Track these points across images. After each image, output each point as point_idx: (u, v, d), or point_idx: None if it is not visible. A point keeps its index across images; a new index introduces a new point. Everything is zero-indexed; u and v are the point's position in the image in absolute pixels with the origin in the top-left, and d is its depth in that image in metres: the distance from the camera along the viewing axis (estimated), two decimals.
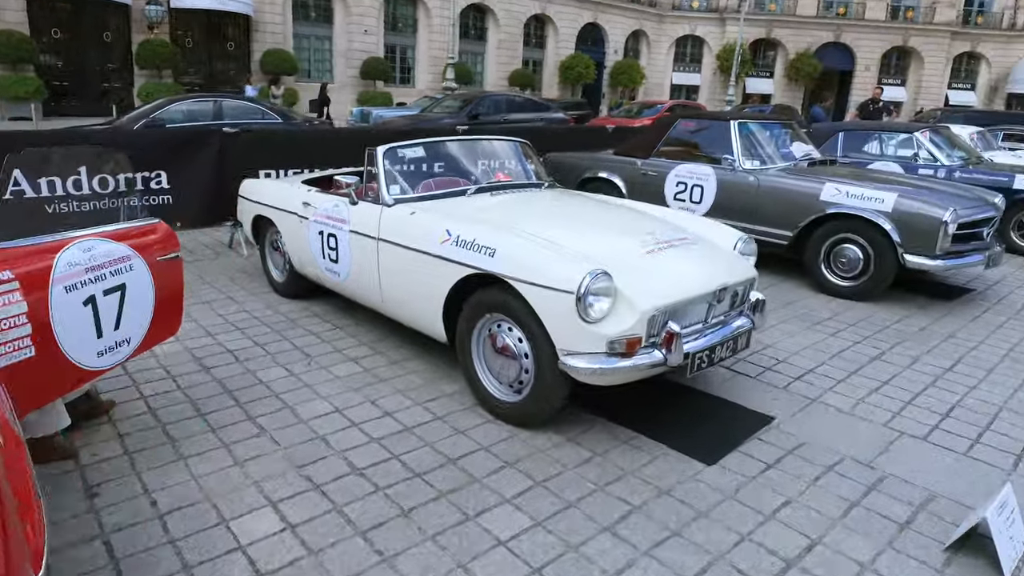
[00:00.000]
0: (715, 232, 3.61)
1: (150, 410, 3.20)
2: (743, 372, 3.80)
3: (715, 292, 2.99)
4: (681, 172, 6.22)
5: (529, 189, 4.03)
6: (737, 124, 5.93)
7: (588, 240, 3.10)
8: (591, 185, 7.05)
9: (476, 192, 3.80)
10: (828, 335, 4.45)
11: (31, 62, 20.01)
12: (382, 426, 3.09)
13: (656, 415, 3.24)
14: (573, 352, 2.74)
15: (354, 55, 26.13)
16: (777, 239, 5.58)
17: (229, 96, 11.00)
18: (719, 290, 3.00)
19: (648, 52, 34.50)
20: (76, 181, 5.31)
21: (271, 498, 2.53)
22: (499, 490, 2.61)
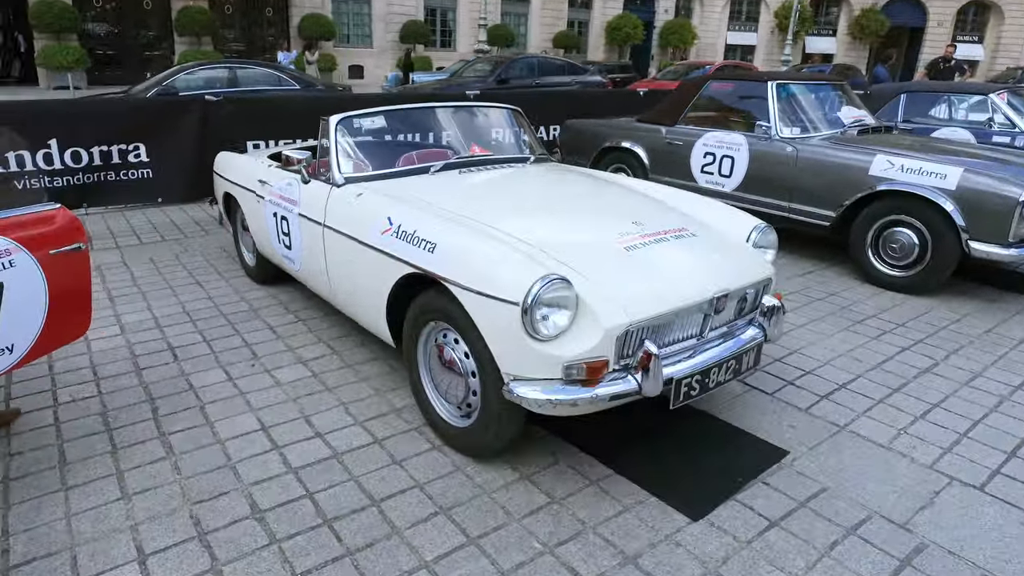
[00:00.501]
0: (726, 219, 2.95)
1: (56, 423, 2.80)
2: (758, 387, 3.16)
3: (711, 300, 2.36)
4: (709, 141, 5.47)
5: (509, 165, 3.42)
6: (775, 85, 5.13)
7: (555, 233, 2.50)
8: (612, 155, 6.37)
9: (442, 169, 3.22)
10: (870, 338, 3.73)
11: (74, 31, 20.17)
12: (308, 452, 2.61)
13: (640, 446, 2.66)
14: (521, 377, 2.18)
15: (393, 19, 25.51)
16: (818, 220, 4.81)
17: (245, 63, 10.58)
18: (718, 297, 2.37)
19: (701, 10, 32.55)
20: (47, 155, 4.97)
21: (143, 549, 2.08)
22: (420, 549, 2.10)
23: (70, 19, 19.66)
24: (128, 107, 5.33)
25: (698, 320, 2.41)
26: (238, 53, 23.40)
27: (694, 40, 30.79)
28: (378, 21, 25.64)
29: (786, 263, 5.05)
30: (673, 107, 5.91)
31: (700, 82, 5.79)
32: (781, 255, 5.24)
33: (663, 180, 5.79)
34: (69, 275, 2.73)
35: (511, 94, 8.12)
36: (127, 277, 4.58)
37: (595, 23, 29.72)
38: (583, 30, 29.78)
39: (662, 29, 30.67)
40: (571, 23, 29.14)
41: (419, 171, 3.19)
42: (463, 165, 3.28)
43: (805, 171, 4.82)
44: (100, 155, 5.14)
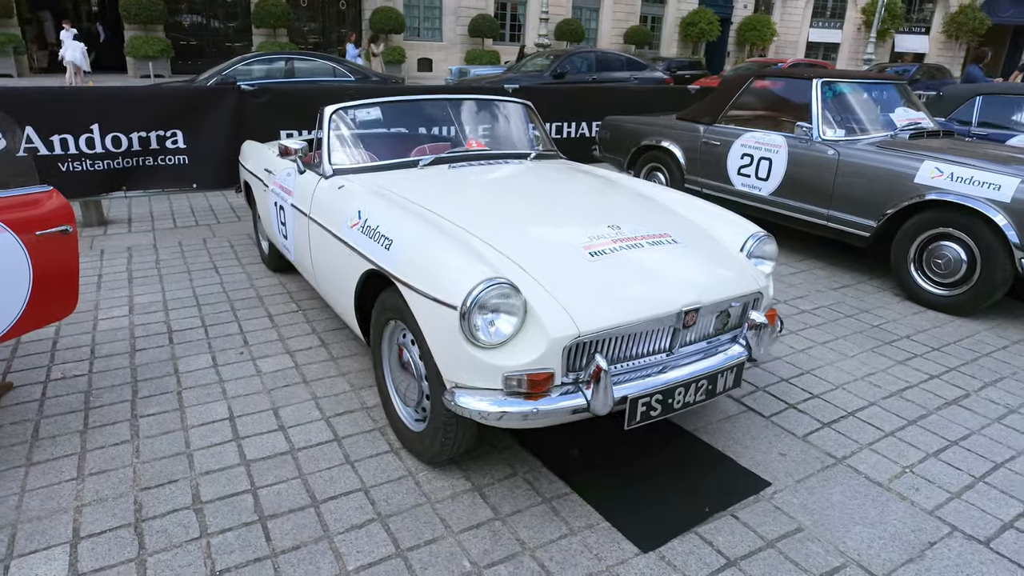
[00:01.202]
0: (722, 226, 2.72)
1: (41, 398, 2.88)
2: (755, 408, 2.92)
3: (679, 314, 2.16)
4: (748, 142, 5.16)
5: (506, 161, 3.28)
6: (820, 84, 4.77)
7: (521, 235, 2.36)
8: (648, 154, 6.12)
9: (432, 164, 3.12)
10: (896, 362, 3.40)
11: (161, 23, 21.26)
12: (266, 445, 2.57)
13: (608, 465, 2.49)
14: (462, 385, 2.06)
15: (463, 12, 25.66)
16: (857, 229, 4.45)
17: (301, 54, 10.82)
18: (686, 311, 2.17)
19: (782, 6, 31.19)
20: (89, 139, 5.18)
21: (79, 532, 2.09)
22: (345, 556, 2.01)
23: (157, 11, 20.73)
24: (166, 95, 5.47)
25: (666, 334, 2.22)
26: (314, 45, 24.14)
27: (773, 37, 29.57)
28: (448, 15, 25.84)
29: (823, 275, 4.70)
30: (713, 105, 5.61)
31: (742, 79, 5.47)
32: (818, 266, 4.89)
33: (698, 182, 5.53)
34: (55, 257, 2.79)
35: (557, 89, 7.93)
36: (151, 259, 4.72)
37: (669, 18, 28.97)
38: (656, 26, 29.09)
39: (740, 25, 29.61)
40: (644, 18, 28.53)
41: (408, 165, 3.11)
42: (455, 160, 3.18)
43: (846, 176, 4.46)
44: (139, 141, 5.32)
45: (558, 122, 7.18)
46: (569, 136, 7.30)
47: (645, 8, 28.49)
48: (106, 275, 4.38)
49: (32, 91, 5.12)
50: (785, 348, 3.51)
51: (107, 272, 4.44)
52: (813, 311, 4.03)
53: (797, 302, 4.17)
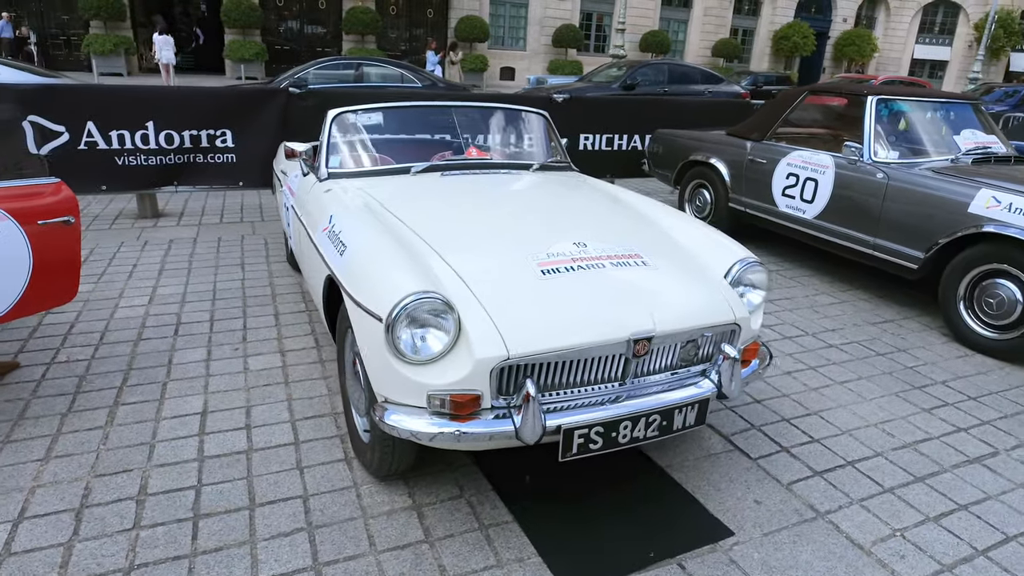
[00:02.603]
0: (710, 249, 2.52)
1: (39, 380, 3.03)
2: (743, 448, 2.69)
3: (628, 342, 2.00)
4: (794, 160, 4.83)
5: (503, 171, 3.19)
6: (875, 101, 4.40)
7: (476, 248, 2.27)
8: (694, 170, 5.87)
9: (424, 171, 3.08)
10: (922, 409, 3.06)
11: (258, 28, 22.51)
12: (226, 442, 2.59)
13: (562, 495, 2.35)
14: (391, 401, 1.99)
15: (548, 22, 25.77)
16: (904, 260, 4.07)
17: (371, 60, 11.12)
18: (639, 339, 2.01)
19: (886, 20, 29.48)
20: (144, 135, 5.49)
21: (25, 512, 2.16)
22: (261, 563, 1.97)
23: (255, 17, 21.97)
24: (218, 95, 5.72)
25: (616, 363, 2.06)
26: (401, 52, 24.87)
27: (874, 53, 27.98)
28: (533, 24, 26.01)
29: (865, 308, 4.33)
30: (763, 121, 5.31)
31: (795, 94, 5.14)
32: (863, 298, 4.51)
33: (742, 201, 5.25)
34: (56, 245, 2.92)
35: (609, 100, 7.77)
36: (186, 252, 4.92)
37: (761, 31, 27.99)
38: (747, 39, 28.16)
39: (838, 40, 28.21)
40: (734, 31, 27.70)
41: (400, 171, 3.08)
42: (449, 168, 3.12)
43: (894, 202, 4.09)
44: (190, 138, 5.58)
45: (609, 134, 7.00)
46: (620, 148, 7.10)
47: (736, 20, 27.65)
48: (140, 265, 4.60)
49: (92, 88, 5.47)
50: (796, 385, 3.23)
51: (142, 262, 4.66)
52: (841, 346, 3.70)
53: (827, 335, 3.84)
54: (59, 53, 21.88)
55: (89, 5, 20.40)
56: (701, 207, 5.85)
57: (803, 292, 4.55)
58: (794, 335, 3.82)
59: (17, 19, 20.86)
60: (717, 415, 2.92)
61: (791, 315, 4.12)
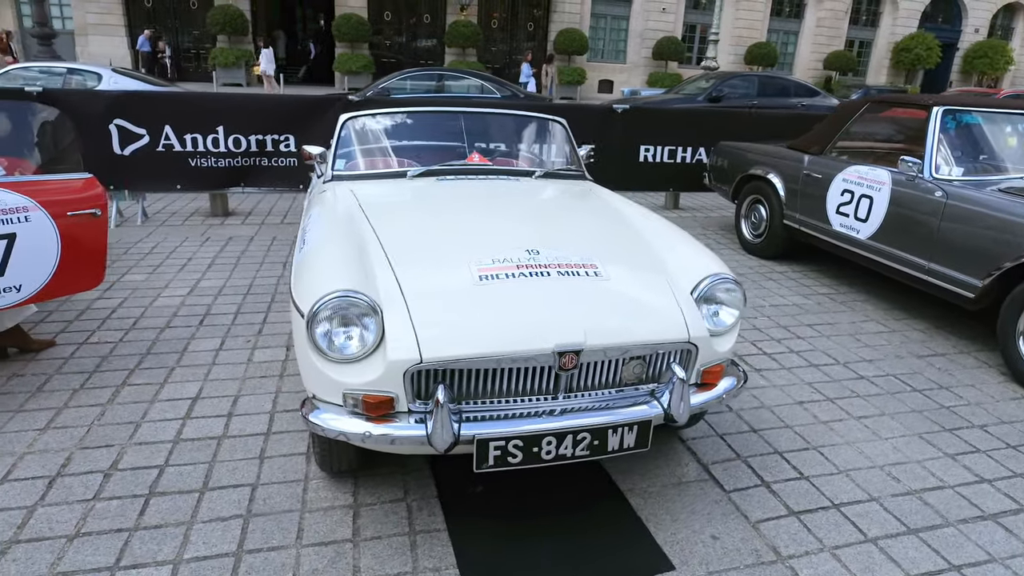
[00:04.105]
0: (684, 263, 2.36)
1: (68, 357, 3.30)
2: (719, 478, 2.49)
3: (554, 354, 1.91)
4: (850, 176, 4.47)
5: (502, 177, 3.16)
6: (941, 112, 3.99)
7: (427, 251, 2.26)
8: (751, 184, 5.57)
9: (420, 175, 3.10)
10: (945, 454, 2.72)
11: (366, 41, 23.66)
12: (204, 428, 2.71)
13: (507, 506, 2.28)
14: (316, 397, 2.01)
15: (649, 35, 25.42)
16: (959, 288, 3.65)
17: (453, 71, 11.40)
18: (566, 352, 1.91)
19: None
20: (214, 139, 5.90)
21: (8, 475, 2.35)
22: (191, 543, 2.05)
23: (364, 31, 23.11)
24: (282, 102, 6.06)
25: (545, 376, 1.97)
26: (500, 65, 25.34)
27: (1008, 66, 25.48)
28: (634, 37, 25.74)
29: (916, 338, 3.91)
30: (823, 133, 4.95)
31: (857, 105, 4.76)
32: (917, 328, 4.08)
33: (796, 218, 4.93)
34: (84, 235, 3.19)
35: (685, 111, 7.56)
36: (239, 250, 5.23)
37: (880, 43, 26.25)
38: (864, 51, 26.47)
39: (967, 52, 25.93)
40: (850, 42, 26.12)
41: (397, 174, 3.12)
42: (446, 173, 3.13)
43: (952, 223, 3.68)
44: (256, 143, 5.94)
45: (671, 146, 6.78)
46: (683, 161, 6.86)
47: (853, 32, 26.08)
48: (194, 259, 4.93)
49: (169, 94, 5.95)
50: (805, 416, 2.97)
51: (197, 257, 5.00)
52: (873, 378, 3.36)
53: (860, 365, 3.51)
54: (189, 65, 23.93)
55: (216, 21, 22.24)
56: (756, 224, 5.53)
57: (850, 318, 4.18)
58: (822, 363, 3.51)
59: (156, 35, 23.09)
60: (703, 441, 2.73)
61: (827, 342, 3.79)
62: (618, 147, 6.56)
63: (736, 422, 2.88)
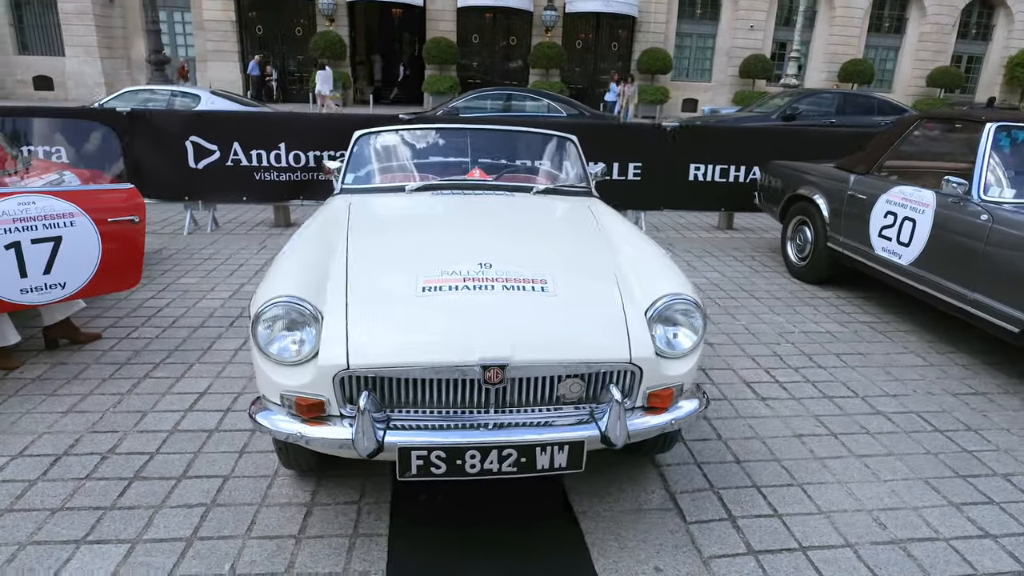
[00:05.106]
0: (643, 281, 2.29)
1: (108, 350, 3.61)
2: (683, 507, 2.40)
3: (478, 367, 1.92)
4: (894, 197, 4.19)
5: (500, 192, 3.20)
6: (994, 128, 3.68)
7: (383, 260, 2.34)
8: (797, 205, 5.32)
9: (418, 190, 3.20)
10: (950, 503, 2.47)
11: (454, 63, 24.42)
12: (200, 420, 2.90)
13: (456, 515, 2.30)
14: (264, 397, 2.12)
15: (736, 52, 24.77)
16: (1003, 321, 3.33)
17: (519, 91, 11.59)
18: (491, 366, 1.92)
19: None
20: (277, 155, 6.30)
21: (24, 451, 2.61)
22: (153, 526, 2.20)
23: (451, 54, 23.87)
24: (337, 120, 6.40)
25: (474, 389, 1.99)
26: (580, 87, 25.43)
27: None
28: (720, 55, 25.17)
29: (957, 375, 3.59)
30: (872, 152, 4.67)
31: (909, 122, 4.46)
32: (960, 363, 3.75)
33: (839, 241, 4.68)
34: (123, 240, 3.51)
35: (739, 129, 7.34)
36: None
37: (992, 57, 24.35)
38: (973, 66, 24.62)
39: None
40: (957, 58, 24.37)
41: (396, 188, 3.23)
42: (443, 188, 3.20)
43: (997, 249, 3.38)
44: (314, 158, 6.28)
45: (723, 164, 6.59)
46: (736, 180, 6.64)
47: (960, 46, 24.33)
48: (246, 265, 5.27)
49: (238, 113, 6.40)
50: (800, 450, 2.80)
51: (249, 263, 5.34)
52: (892, 415, 3.12)
53: (880, 400, 3.26)
54: (294, 87, 25.51)
55: (317, 46, 23.64)
56: (801, 246, 5.27)
57: (886, 349, 3.90)
58: (838, 395, 3.30)
59: (264, 60, 24.86)
60: (678, 468, 2.64)
61: (852, 373, 3.56)
62: (666, 166, 6.44)
63: (721, 451, 2.76)
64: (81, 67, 22.92)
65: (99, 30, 22.74)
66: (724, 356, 3.72)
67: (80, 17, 22.41)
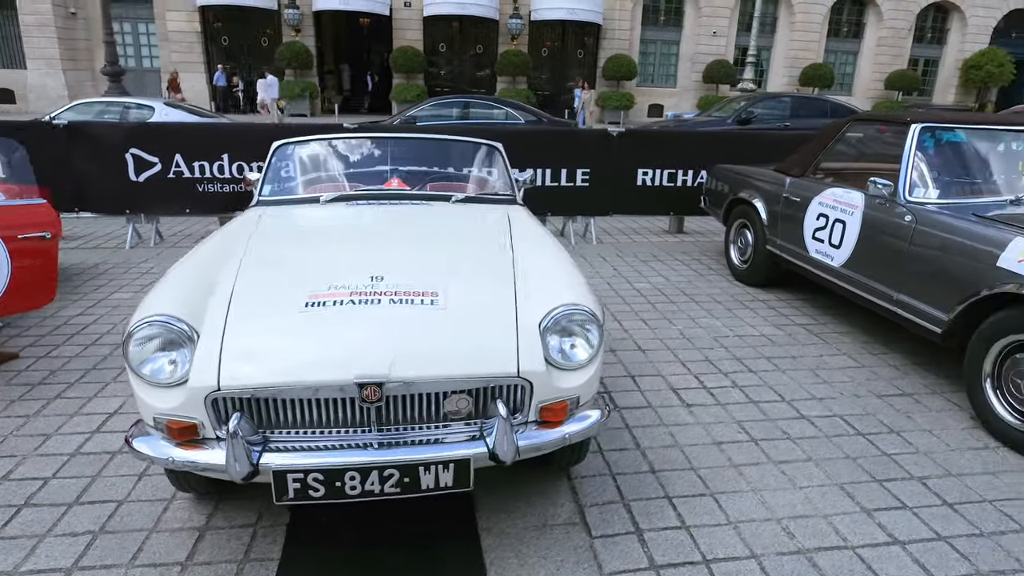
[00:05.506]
0: (542, 292, 2.23)
1: (24, 369, 3.46)
2: (590, 522, 2.34)
3: (354, 384, 1.85)
4: (826, 199, 4.21)
5: (416, 202, 3.14)
6: (918, 130, 3.71)
7: (272, 276, 2.26)
8: (739, 209, 5.34)
9: (333, 200, 3.13)
10: (862, 509, 2.45)
11: (421, 72, 24.36)
12: (104, 443, 2.79)
13: (355, 536, 2.22)
14: (144, 421, 2.03)
15: (700, 58, 25.07)
16: (927, 322, 3.35)
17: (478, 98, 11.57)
18: (368, 384, 1.85)
19: None
20: (220, 166, 6.18)
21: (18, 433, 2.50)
22: (35, 555, 2.09)
23: (418, 62, 23.82)
24: (280, 131, 6.29)
25: (351, 407, 1.92)
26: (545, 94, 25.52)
27: None
28: (684, 61, 25.45)
29: (888, 375, 3.60)
30: (806, 155, 4.70)
31: (840, 124, 4.50)
32: (893, 363, 3.76)
33: (777, 243, 4.69)
34: (35, 257, 3.39)
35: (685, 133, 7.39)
36: None
37: (948, 60, 24.94)
38: (930, 69, 25.19)
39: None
40: (913, 61, 24.93)
41: (310, 200, 3.16)
42: (358, 198, 3.14)
43: (920, 250, 3.40)
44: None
45: (671, 169, 6.60)
46: (684, 184, 6.66)
47: (917, 50, 24.90)
48: None
49: (179, 125, 6.27)
50: (719, 458, 2.77)
51: None
52: (816, 419, 3.11)
53: (806, 404, 3.25)
54: None
55: (283, 56, 23.44)
56: (743, 249, 5.28)
57: (818, 351, 3.90)
58: (764, 399, 3.28)
59: (231, 70, 24.59)
60: (591, 481, 2.59)
61: (780, 376, 3.55)
62: (614, 171, 6.44)
63: (637, 461, 2.72)
64: (43, 79, 22.48)
65: (62, 42, 22.35)
66: (656, 362, 3.69)
67: (41, 29, 22.01)
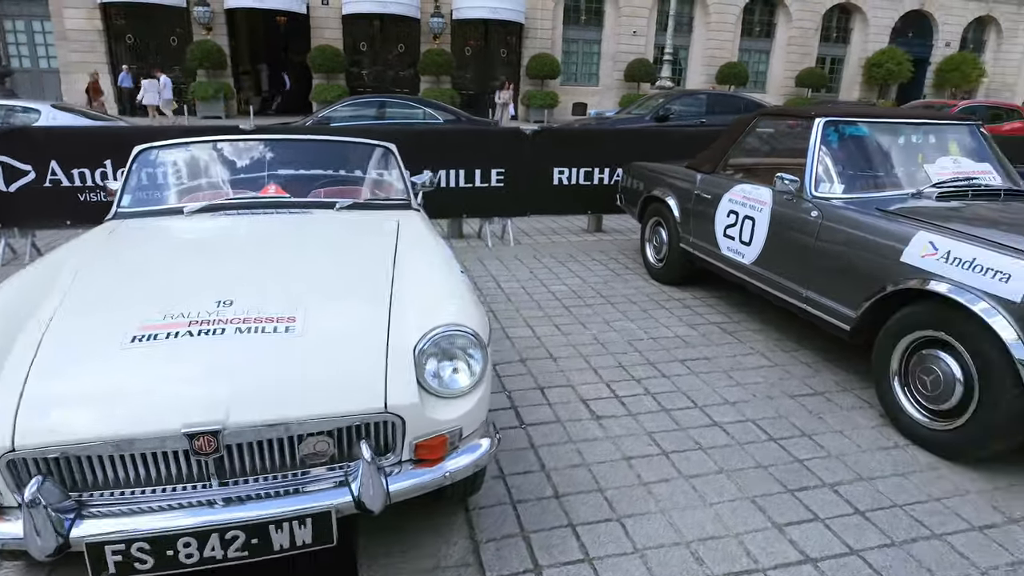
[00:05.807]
0: (419, 312, 1.98)
1: None
2: (485, 563, 2.10)
3: (182, 435, 1.55)
4: (735, 196, 4.13)
5: (293, 211, 2.83)
6: (822, 123, 3.66)
7: (101, 307, 1.93)
8: (653, 207, 5.24)
9: (197, 211, 2.78)
10: (773, 524, 2.32)
11: (342, 72, 23.64)
12: None
13: None
14: None
15: (621, 57, 25.36)
16: (835, 319, 3.29)
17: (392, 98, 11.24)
18: (195, 434, 1.56)
19: (997, 45, 26.71)
20: (103, 172, 5.63)
21: None
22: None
23: (338, 62, 23.10)
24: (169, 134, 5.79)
25: (185, 460, 1.61)
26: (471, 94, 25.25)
27: (980, 78, 25.35)
28: (606, 60, 25.69)
29: (800, 374, 3.52)
30: (717, 150, 4.63)
31: (748, 119, 4.44)
32: (805, 361, 3.70)
33: (690, 242, 4.59)
34: None
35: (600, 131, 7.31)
36: None
37: (852, 59, 26.18)
38: (836, 67, 26.40)
39: (939, 66, 25.86)
40: (821, 59, 26.05)
41: (174, 211, 2.81)
42: (228, 208, 2.80)
43: (826, 246, 3.33)
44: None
45: (587, 167, 6.47)
46: (601, 183, 6.54)
47: (823, 49, 26.01)
48: None
49: (54, 129, 5.69)
50: (628, 476, 2.58)
51: None
52: (728, 425, 2.98)
53: (719, 410, 3.13)
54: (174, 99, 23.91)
55: (195, 56, 22.27)
56: (658, 248, 5.19)
57: (733, 351, 3.81)
58: (677, 407, 3.14)
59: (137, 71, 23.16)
60: (490, 512, 2.35)
61: (694, 380, 3.42)
62: (529, 171, 6.25)
63: (541, 485, 2.50)
64: None
65: None
66: (567, 371, 3.49)
67: None
